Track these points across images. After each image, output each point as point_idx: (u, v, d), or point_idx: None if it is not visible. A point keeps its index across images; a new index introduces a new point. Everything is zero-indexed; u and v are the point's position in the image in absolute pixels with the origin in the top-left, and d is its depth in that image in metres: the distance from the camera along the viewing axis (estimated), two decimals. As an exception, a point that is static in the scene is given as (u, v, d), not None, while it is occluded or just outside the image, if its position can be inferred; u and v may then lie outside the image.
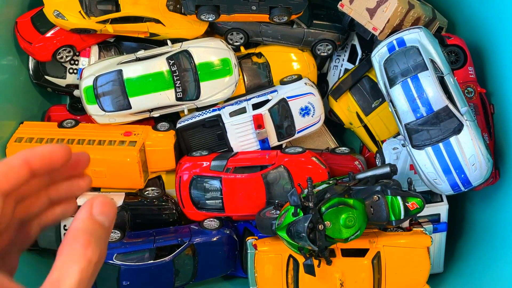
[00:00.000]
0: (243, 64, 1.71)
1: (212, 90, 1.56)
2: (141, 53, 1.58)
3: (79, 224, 0.55)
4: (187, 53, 1.50)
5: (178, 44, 1.56)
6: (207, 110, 1.65)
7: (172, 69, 1.45)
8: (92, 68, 1.58)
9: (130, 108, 1.56)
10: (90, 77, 1.56)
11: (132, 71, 1.51)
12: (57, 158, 0.59)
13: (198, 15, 1.53)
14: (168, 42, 1.44)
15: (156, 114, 1.60)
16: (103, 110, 1.57)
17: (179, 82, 1.45)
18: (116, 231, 1.61)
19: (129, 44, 1.68)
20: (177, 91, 1.48)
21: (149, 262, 1.56)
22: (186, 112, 1.60)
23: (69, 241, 0.54)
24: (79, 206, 0.56)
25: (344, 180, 1.51)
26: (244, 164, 1.63)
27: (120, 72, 1.54)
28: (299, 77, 1.69)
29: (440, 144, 1.37)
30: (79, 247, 0.53)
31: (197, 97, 1.53)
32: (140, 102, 1.55)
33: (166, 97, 1.50)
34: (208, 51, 1.50)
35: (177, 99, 1.51)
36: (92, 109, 1.57)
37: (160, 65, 1.48)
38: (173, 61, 1.46)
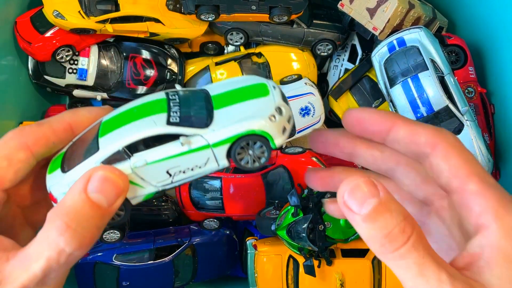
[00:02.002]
0: (243, 64, 1.71)
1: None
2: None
3: (65, 200, 0.46)
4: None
5: None
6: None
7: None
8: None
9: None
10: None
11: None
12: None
13: (197, 14, 1.53)
14: (177, 86, 1.37)
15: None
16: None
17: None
18: (115, 231, 1.61)
19: (129, 44, 1.68)
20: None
21: (149, 262, 1.55)
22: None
23: (48, 220, 0.45)
24: None
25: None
26: (244, 164, 1.62)
27: None
28: (299, 77, 1.68)
29: (441, 144, 1.37)
30: (53, 232, 0.44)
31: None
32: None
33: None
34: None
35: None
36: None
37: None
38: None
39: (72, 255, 0.45)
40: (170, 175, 0.52)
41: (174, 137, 0.51)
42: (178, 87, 0.59)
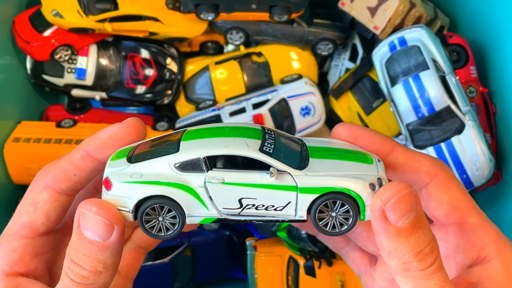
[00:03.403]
0: (243, 63, 1.70)
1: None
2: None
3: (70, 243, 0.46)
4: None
5: None
6: (207, 110, 1.64)
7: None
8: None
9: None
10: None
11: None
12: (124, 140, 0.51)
13: (197, 13, 1.52)
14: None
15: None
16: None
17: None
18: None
19: (128, 43, 1.67)
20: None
21: (148, 263, 1.54)
22: None
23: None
24: None
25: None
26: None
27: None
28: (300, 77, 1.67)
29: (442, 144, 1.36)
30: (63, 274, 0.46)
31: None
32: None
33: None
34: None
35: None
36: None
37: None
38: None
39: None
40: (241, 205, 0.48)
41: (261, 166, 0.47)
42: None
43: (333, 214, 0.47)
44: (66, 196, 0.52)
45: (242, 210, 0.48)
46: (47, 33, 1.54)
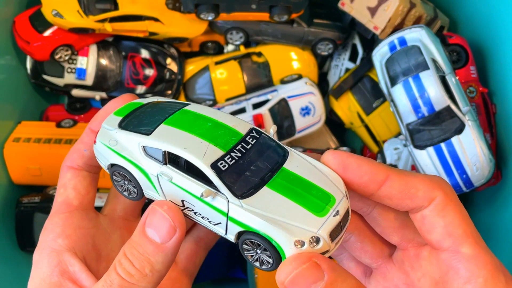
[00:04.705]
0: (243, 63, 1.70)
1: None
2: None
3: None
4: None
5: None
6: (207, 110, 1.64)
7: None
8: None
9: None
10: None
11: None
12: None
13: (197, 13, 1.52)
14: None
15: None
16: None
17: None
18: None
19: (128, 43, 1.67)
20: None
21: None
22: None
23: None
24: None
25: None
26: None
27: None
28: (300, 77, 1.68)
29: (442, 144, 1.36)
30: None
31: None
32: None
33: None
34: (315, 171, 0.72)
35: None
36: None
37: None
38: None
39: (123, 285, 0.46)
40: (184, 205, 0.50)
41: (208, 179, 0.47)
42: (272, 130, 0.53)
43: (258, 251, 0.47)
44: (86, 171, 0.59)
45: (184, 209, 0.50)
46: (47, 33, 1.54)
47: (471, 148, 1.33)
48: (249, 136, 0.50)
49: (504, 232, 1.39)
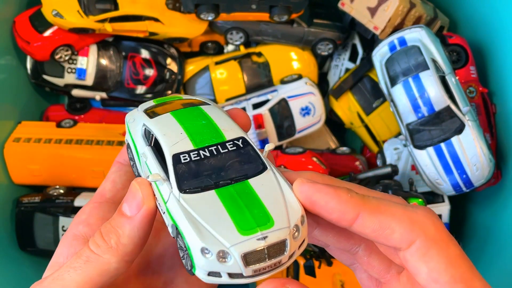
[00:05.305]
0: (243, 63, 1.70)
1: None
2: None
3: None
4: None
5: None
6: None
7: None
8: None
9: None
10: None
11: None
12: None
13: (197, 13, 1.52)
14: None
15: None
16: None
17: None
18: None
19: (128, 43, 1.67)
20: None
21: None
22: None
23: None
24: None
25: (345, 180, 1.49)
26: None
27: None
28: (300, 77, 1.68)
29: (442, 144, 1.36)
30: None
31: None
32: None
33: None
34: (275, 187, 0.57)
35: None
36: None
37: None
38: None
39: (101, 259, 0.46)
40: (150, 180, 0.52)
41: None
42: (275, 144, 0.53)
43: (185, 249, 0.45)
44: (130, 166, 0.60)
45: (152, 183, 0.52)
46: (47, 33, 1.55)
47: (471, 148, 1.33)
48: (231, 143, 0.48)
49: (504, 232, 1.39)
